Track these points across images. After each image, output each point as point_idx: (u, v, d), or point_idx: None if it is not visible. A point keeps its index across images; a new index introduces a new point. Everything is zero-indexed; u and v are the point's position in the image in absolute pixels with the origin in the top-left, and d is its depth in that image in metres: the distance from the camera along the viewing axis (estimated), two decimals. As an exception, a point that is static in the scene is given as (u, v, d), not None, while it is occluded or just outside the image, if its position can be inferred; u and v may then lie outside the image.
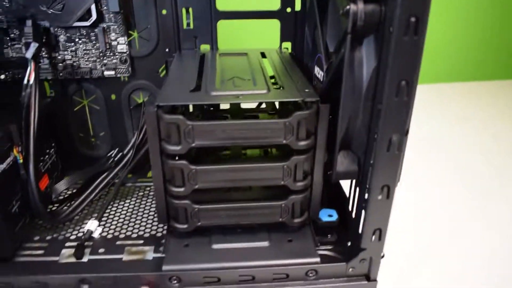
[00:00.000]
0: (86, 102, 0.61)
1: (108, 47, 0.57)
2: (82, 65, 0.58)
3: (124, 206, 0.58)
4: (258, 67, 0.50)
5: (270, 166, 0.42)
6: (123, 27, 0.56)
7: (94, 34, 0.56)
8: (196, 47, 0.60)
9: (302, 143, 0.41)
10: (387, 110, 0.36)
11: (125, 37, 0.57)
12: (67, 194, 0.60)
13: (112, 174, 0.59)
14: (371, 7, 0.38)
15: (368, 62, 0.41)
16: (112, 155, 0.61)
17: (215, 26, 0.59)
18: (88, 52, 0.57)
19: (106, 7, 0.54)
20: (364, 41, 0.41)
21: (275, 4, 0.59)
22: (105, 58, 0.57)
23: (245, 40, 1.14)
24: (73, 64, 0.57)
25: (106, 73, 0.58)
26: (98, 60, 0.58)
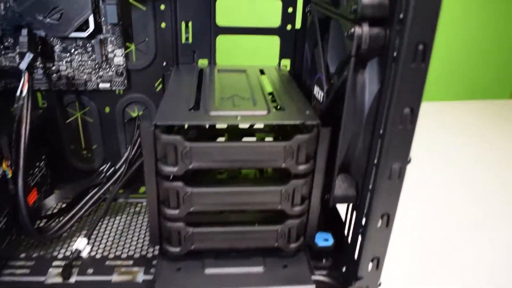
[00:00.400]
0: (79, 114, 0.60)
1: (105, 59, 0.56)
2: (77, 76, 0.56)
3: (115, 223, 0.56)
4: (257, 86, 0.49)
5: (268, 190, 0.41)
6: (121, 39, 0.55)
7: (90, 45, 0.55)
8: (194, 62, 0.59)
9: (302, 167, 0.40)
10: (390, 138, 0.35)
11: (122, 49, 0.55)
12: (57, 209, 0.58)
13: (103, 189, 0.58)
14: (376, 30, 0.37)
15: (371, 85, 0.40)
16: (104, 170, 0.60)
17: (214, 41, 0.58)
18: (83, 63, 0.56)
19: (104, 18, 0.53)
20: (368, 64, 0.40)
21: (276, 20, 0.58)
22: (101, 70, 0.56)
23: (242, 56, 1.13)
24: (67, 75, 0.56)
25: (101, 85, 0.57)
26: (93, 72, 0.56)
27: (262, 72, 0.57)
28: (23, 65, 0.47)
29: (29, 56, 0.48)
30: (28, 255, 0.49)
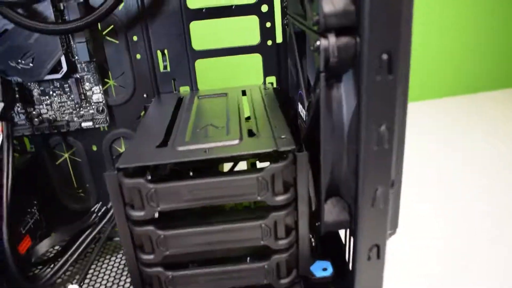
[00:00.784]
0: (67, 155, 0.59)
1: (83, 97, 0.54)
2: (58, 118, 0.55)
3: (109, 264, 0.55)
4: (235, 111, 0.47)
5: (245, 226, 0.38)
6: (97, 76, 0.53)
7: (67, 85, 0.54)
8: (175, 90, 0.57)
9: (280, 198, 0.37)
10: (365, 160, 0.32)
11: (99, 86, 0.54)
12: (51, 253, 0.57)
13: (96, 230, 0.56)
14: (344, 40, 0.33)
15: (348, 101, 0.36)
16: (96, 210, 0.58)
17: (193, 67, 0.55)
18: (63, 104, 0.55)
19: (77, 57, 0.52)
20: (343, 77, 0.36)
21: (256, 37, 0.56)
22: (81, 109, 0.55)
23: (231, 75, 1.10)
24: (49, 118, 0.55)
25: (84, 124, 0.55)
26: (74, 111, 0.55)
27: (244, 93, 0.54)
28: (-6, 115, 0.46)
29: (0, 106, 0.47)
30: (19, 304, 0.48)
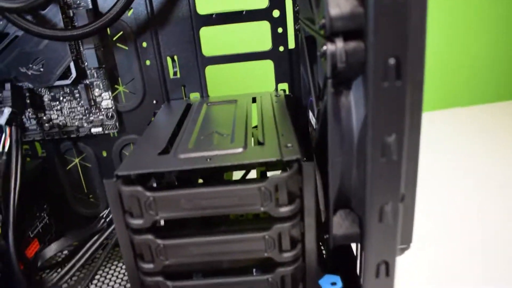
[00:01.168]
0: (77, 160, 0.59)
1: (93, 103, 0.54)
2: (68, 123, 0.55)
3: (115, 271, 0.54)
4: (242, 118, 0.45)
5: (248, 237, 0.36)
6: (106, 82, 0.53)
7: (77, 91, 0.54)
8: (185, 96, 0.56)
9: (284, 210, 0.35)
10: (373, 173, 0.30)
11: (109, 92, 0.54)
12: (60, 258, 0.57)
13: (104, 236, 0.55)
14: (352, 45, 0.31)
15: (358, 109, 0.34)
16: (104, 216, 0.58)
17: (203, 73, 0.54)
18: (73, 110, 0.55)
19: (86, 63, 0.52)
20: (353, 84, 0.35)
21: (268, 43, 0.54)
22: (91, 115, 0.55)
23: (243, 82, 1.08)
24: (59, 123, 0.55)
25: (94, 130, 0.55)
26: (84, 117, 0.55)
27: (254, 100, 0.52)
28: (2, 120, 0.46)
29: (8, 111, 0.47)
30: (24, 313, 0.48)
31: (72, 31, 0.44)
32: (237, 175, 0.54)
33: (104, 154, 0.58)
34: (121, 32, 0.52)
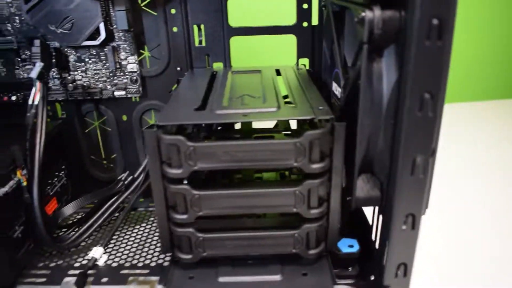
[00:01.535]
0: (97, 123, 0.60)
1: (118, 66, 0.55)
2: (92, 85, 0.56)
3: (133, 232, 0.55)
4: (270, 85, 0.47)
5: (279, 191, 0.38)
6: (133, 45, 0.54)
7: (104, 53, 0.55)
8: (209, 65, 0.57)
9: (316, 166, 0.37)
10: (409, 127, 0.32)
11: (135, 56, 0.55)
12: (76, 218, 0.58)
13: (122, 198, 0.56)
14: (389, 13, 0.34)
15: (389, 75, 0.37)
16: (123, 179, 0.59)
17: (227, 43, 0.56)
18: (98, 72, 0.56)
19: (115, 25, 0.53)
20: (384, 52, 0.37)
21: (292, 18, 0.56)
22: (115, 78, 0.56)
23: (261, 56, 1.10)
24: (83, 85, 0.56)
25: (117, 93, 0.56)
26: (108, 80, 0.56)
27: (278, 72, 0.54)
28: (34, 74, 0.47)
29: (39, 65, 0.48)
30: (45, 264, 0.49)
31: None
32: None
33: (124, 118, 0.59)
34: (151, -3, 0.53)
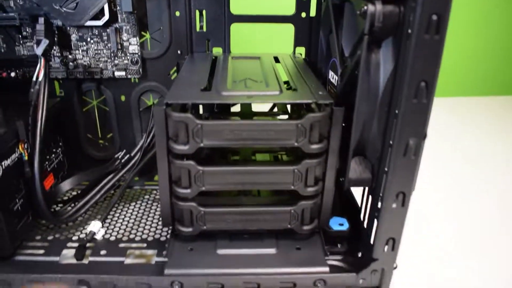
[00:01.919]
0: (95, 102, 0.61)
1: (120, 47, 0.56)
2: (93, 65, 0.57)
3: (129, 209, 0.57)
4: (271, 70, 0.49)
5: (280, 169, 0.41)
6: (136, 27, 0.55)
7: (106, 34, 0.56)
8: (208, 50, 0.59)
9: (315, 147, 0.40)
10: (405, 112, 0.35)
11: (137, 37, 0.56)
12: (72, 194, 0.59)
13: (118, 176, 0.58)
14: (389, 8, 0.37)
15: (385, 65, 0.40)
16: (120, 157, 0.60)
17: (228, 29, 0.58)
18: (99, 52, 0.57)
19: (119, 7, 0.54)
20: (382, 44, 0.40)
21: (290, 8, 0.58)
22: (116, 58, 0.57)
23: (257, 44, 1.13)
24: (84, 64, 0.57)
25: (117, 73, 0.57)
26: (109, 60, 0.57)
27: (276, 60, 0.56)
28: (39, 50, 0.48)
29: (45, 42, 0.49)
30: (43, 237, 0.50)
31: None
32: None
33: (123, 98, 0.60)
34: (155, -19, 0.54)
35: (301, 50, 0.61)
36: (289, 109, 0.55)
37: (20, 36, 0.55)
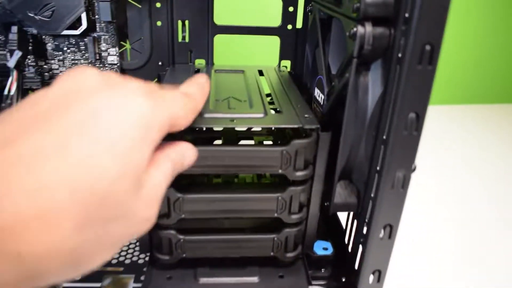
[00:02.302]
0: (72, 114, 0.58)
1: (98, 57, 0.54)
2: (69, 75, 0.54)
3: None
4: (255, 87, 0.47)
5: (263, 197, 0.39)
6: (115, 37, 0.53)
7: (83, 43, 0.53)
8: (191, 62, 0.57)
9: (300, 174, 0.38)
10: (394, 144, 0.33)
11: (116, 48, 0.54)
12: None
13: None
14: (380, 30, 0.35)
15: (374, 88, 0.38)
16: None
17: (211, 41, 0.56)
18: (76, 62, 0.54)
19: (98, 16, 0.51)
20: (371, 66, 0.38)
21: (276, 19, 0.56)
22: (94, 69, 0.54)
23: (241, 56, 1.10)
24: (60, 74, 0.54)
25: (95, 85, 0.55)
26: (86, 71, 0.54)
27: (260, 73, 0.55)
28: (11, 63, 0.45)
29: (17, 54, 0.46)
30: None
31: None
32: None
33: (101, 110, 0.58)
34: (136, -11, 0.51)
35: (286, 63, 0.59)
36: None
37: (-9, 44, 0.52)
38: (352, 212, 0.46)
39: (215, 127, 0.38)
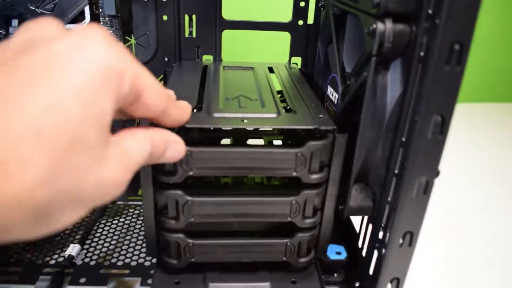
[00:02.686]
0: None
1: (102, 53, 0.52)
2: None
3: (111, 227, 0.53)
4: (266, 85, 0.46)
5: (276, 200, 0.37)
6: (120, 32, 0.51)
7: (87, 38, 0.51)
8: (198, 58, 0.55)
9: (315, 177, 0.37)
10: (417, 149, 0.31)
11: (120, 43, 0.52)
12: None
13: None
14: (400, 27, 0.33)
15: (393, 88, 0.36)
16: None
17: (219, 36, 0.54)
18: (79, 57, 0.52)
19: (101, 9, 0.49)
20: (390, 65, 0.36)
21: (287, 15, 0.54)
22: (98, 64, 0.52)
23: (250, 53, 1.08)
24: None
25: (99, 81, 0.53)
26: (90, 66, 0.52)
27: (271, 70, 0.53)
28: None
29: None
30: (18, 260, 0.46)
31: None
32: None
33: (105, 107, 0.56)
34: (142, -18, 0.50)
35: (297, 60, 0.57)
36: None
37: (-8, 38, 0.50)
38: (366, 216, 0.44)
39: (225, 127, 0.36)
